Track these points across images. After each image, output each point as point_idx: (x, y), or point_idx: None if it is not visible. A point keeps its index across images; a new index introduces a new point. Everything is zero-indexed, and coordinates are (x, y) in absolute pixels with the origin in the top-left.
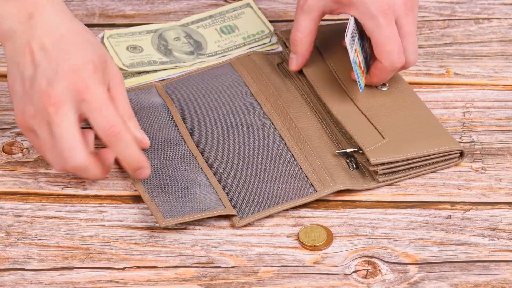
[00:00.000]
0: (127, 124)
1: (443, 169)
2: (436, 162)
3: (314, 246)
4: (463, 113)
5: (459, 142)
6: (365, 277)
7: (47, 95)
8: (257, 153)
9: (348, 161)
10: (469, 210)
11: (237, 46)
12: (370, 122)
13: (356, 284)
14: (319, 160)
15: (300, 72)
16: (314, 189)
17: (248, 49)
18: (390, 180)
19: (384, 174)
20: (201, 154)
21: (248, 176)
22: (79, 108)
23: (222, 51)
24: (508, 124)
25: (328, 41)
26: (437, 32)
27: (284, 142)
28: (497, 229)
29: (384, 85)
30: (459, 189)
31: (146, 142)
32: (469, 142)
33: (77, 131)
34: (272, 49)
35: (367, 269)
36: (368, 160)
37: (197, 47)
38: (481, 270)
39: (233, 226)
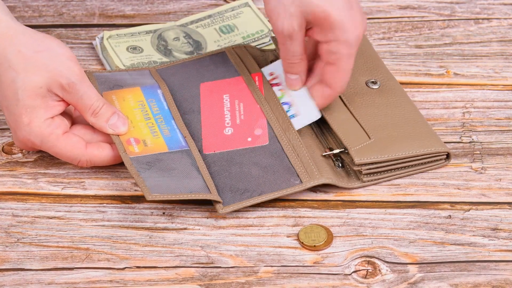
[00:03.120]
0: (88, 149)
1: (429, 170)
2: (421, 164)
3: (314, 246)
4: (463, 113)
5: (459, 142)
6: (365, 277)
7: (13, 137)
8: None
9: (334, 159)
10: (469, 210)
11: None
12: (358, 121)
13: (356, 284)
14: (307, 152)
15: None
16: (300, 180)
17: None
18: (375, 180)
19: (369, 174)
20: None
21: (235, 164)
22: None
23: None
24: (508, 124)
25: None
26: (436, 32)
27: (273, 130)
28: (497, 229)
29: (375, 82)
30: (459, 189)
31: (120, 131)
32: (469, 142)
33: (56, 144)
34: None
35: (367, 269)
36: (352, 159)
37: (197, 47)
38: (481, 270)
39: (235, 226)
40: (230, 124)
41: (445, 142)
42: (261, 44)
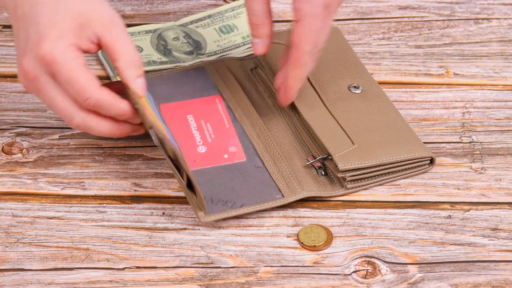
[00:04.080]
0: (102, 90)
1: (412, 176)
2: (406, 169)
3: (314, 246)
4: (463, 113)
5: (459, 142)
6: (365, 277)
7: (23, 70)
8: None
9: (317, 167)
10: (469, 210)
11: (236, 46)
12: (341, 127)
13: (356, 284)
14: (288, 166)
15: (273, 76)
16: (282, 194)
17: (247, 48)
18: (359, 187)
19: (353, 180)
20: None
21: (216, 179)
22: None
23: (221, 51)
24: (508, 124)
25: None
26: (436, 32)
27: (254, 147)
28: (497, 229)
29: (357, 87)
30: (458, 189)
31: (139, 94)
32: (469, 142)
33: (74, 68)
34: (249, 54)
35: (367, 269)
36: (336, 166)
37: (197, 47)
38: (481, 270)
39: (235, 226)
40: (202, 142)
41: (445, 142)
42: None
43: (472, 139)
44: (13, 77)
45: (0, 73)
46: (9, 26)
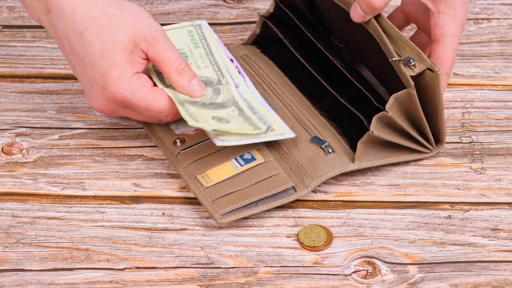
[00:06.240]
0: (173, 107)
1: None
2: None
3: (314, 246)
4: (463, 113)
5: (459, 142)
6: (365, 278)
7: (98, 109)
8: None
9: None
10: (468, 211)
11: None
12: None
13: (356, 284)
14: (293, 159)
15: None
16: (294, 189)
17: None
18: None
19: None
20: None
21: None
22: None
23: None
24: (508, 124)
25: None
26: None
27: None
28: (497, 229)
29: None
30: (458, 189)
31: (196, 94)
32: (469, 143)
33: (146, 97)
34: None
35: (367, 270)
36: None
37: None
38: (481, 270)
39: (235, 227)
40: None
41: (445, 142)
42: None
43: (472, 139)
44: (13, 77)
45: (0, 73)
46: (9, 26)
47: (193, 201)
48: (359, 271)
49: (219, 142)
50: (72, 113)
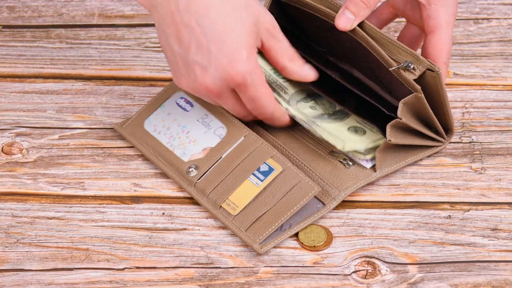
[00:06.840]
0: (276, 105)
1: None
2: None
3: (314, 246)
4: (463, 113)
5: (459, 142)
6: (365, 277)
7: (205, 87)
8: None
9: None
10: (468, 210)
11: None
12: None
13: (355, 284)
14: (315, 172)
15: None
16: (322, 202)
17: None
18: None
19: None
20: None
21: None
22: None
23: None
24: (508, 124)
25: None
26: None
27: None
28: (497, 229)
29: None
30: (458, 189)
31: (312, 77)
32: (469, 142)
33: (261, 87)
34: None
35: (367, 270)
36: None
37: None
38: (481, 270)
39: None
40: None
41: None
42: None
43: (472, 139)
44: (13, 77)
45: (0, 73)
46: (9, 26)
47: (193, 201)
48: (359, 271)
49: (369, 163)
50: (72, 113)
